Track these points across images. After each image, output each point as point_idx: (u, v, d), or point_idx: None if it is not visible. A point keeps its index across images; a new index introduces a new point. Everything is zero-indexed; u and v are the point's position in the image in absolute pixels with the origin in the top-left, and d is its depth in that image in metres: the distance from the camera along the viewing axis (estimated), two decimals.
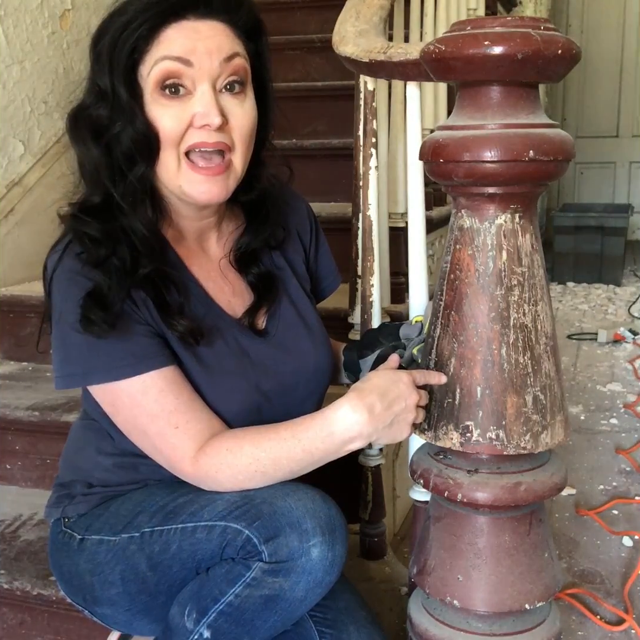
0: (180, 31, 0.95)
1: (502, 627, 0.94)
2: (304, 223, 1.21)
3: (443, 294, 0.90)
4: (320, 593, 0.94)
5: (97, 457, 1.09)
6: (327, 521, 0.92)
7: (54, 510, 1.13)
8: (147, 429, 0.98)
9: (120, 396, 0.98)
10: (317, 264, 1.23)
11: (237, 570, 0.92)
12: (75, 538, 1.08)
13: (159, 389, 0.97)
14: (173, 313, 0.99)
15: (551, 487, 0.91)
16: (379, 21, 1.35)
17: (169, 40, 0.95)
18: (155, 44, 0.95)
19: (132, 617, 1.06)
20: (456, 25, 0.83)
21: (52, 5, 2.21)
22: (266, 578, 0.91)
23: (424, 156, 0.88)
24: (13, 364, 1.97)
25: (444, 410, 0.90)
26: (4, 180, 2.05)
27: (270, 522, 0.91)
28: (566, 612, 1.42)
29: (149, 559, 1.00)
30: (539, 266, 0.88)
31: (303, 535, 0.90)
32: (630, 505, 1.85)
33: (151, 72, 0.95)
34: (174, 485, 1.04)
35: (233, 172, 1.00)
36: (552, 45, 0.78)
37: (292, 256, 1.18)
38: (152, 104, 0.96)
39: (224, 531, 0.93)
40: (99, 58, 0.97)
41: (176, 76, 0.95)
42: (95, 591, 1.05)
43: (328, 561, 0.91)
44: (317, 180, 2.25)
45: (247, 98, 1.00)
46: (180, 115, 0.96)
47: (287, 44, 2.75)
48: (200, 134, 0.96)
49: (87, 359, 0.96)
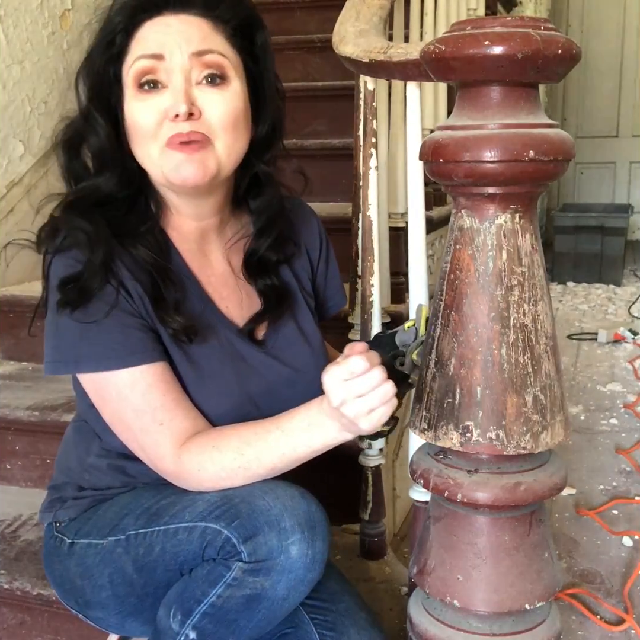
0: (152, 27, 0.97)
1: (502, 627, 0.94)
2: (313, 239, 1.20)
3: (443, 294, 0.90)
4: (303, 591, 0.93)
5: (86, 458, 1.09)
6: (307, 518, 0.91)
7: (47, 514, 1.13)
8: (132, 423, 0.98)
9: (108, 388, 0.97)
10: (325, 282, 1.22)
11: (218, 571, 0.92)
12: (66, 542, 1.08)
13: (147, 384, 0.96)
14: (168, 309, 0.98)
15: (551, 487, 0.91)
16: (379, 21, 1.35)
17: (144, 38, 0.97)
18: (134, 44, 0.98)
19: (123, 619, 1.06)
20: (456, 25, 0.83)
21: (52, 5, 2.21)
22: (247, 578, 0.90)
23: (424, 156, 0.88)
24: (13, 364, 1.97)
25: (444, 410, 0.90)
26: (4, 180, 2.05)
27: (248, 521, 0.90)
28: (566, 612, 1.42)
29: (134, 562, 0.99)
30: (539, 266, 0.88)
31: (282, 534, 0.89)
32: (630, 505, 1.85)
33: (130, 71, 0.97)
34: (159, 488, 1.03)
35: (213, 154, 0.98)
36: (552, 45, 0.78)
37: (299, 271, 1.17)
38: (130, 101, 0.98)
39: (204, 532, 0.93)
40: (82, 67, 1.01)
41: (151, 72, 0.96)
42: (86, 595, 1.05)
43: (308, 558, 0.90)
44: (317, 180, 2.24)
45: (230, 88, 0.99)
46: (153, 108, 0.96)
47: (287, 44, 2.75)
48: (174, 126, 0.96)
49: (78, 346, 0.96)
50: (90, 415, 1.06)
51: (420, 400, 0.94)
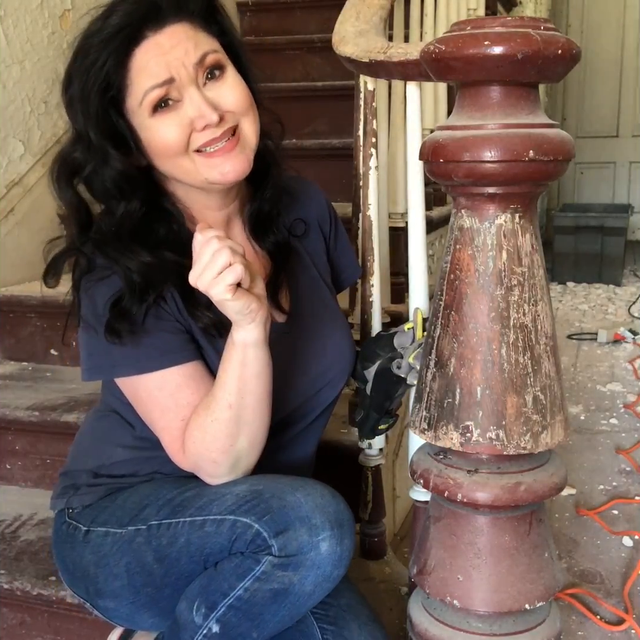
0: (146, 54, 0.96)
1: (502, 627, 0.94)
2: (324, 214, 1.23)
3: (443, 294, 0.90)
4: (328, 587, 0.95)
5: (113, 449, 1.11)
6: (336, 516, 0.94)
7: (59, 501, 1.14)
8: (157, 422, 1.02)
9: (138, 389, 1.01)
10: (337, 254, 1.25)
11: (247, 564, 0.93)
12: (81, 530, 1.08)
13: (177, 385, 1.00)
14: (199, 305, 1.00)
15: (551, 487, 0.91)
16: (379, 21, 1.35)
17: (144, 68, 0.96)
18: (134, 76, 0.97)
19: (135, 610, 1.06)
20: (456, 25, 0.83)
21: (52, 5, 2.21)
22: (275, 572, 0.91)
23: (424, 156, 0.88)
24: (13, 364, 1.97)
25: (444, 410, 0.90)
26: (4, 180, 2.05)
27: (279, 516, 0.92)
28: (566, 612, 1.42)
29: (155, 552, 1.00)
30: (539, 266, 0.88)
31: (312, 530, 0.91)
32: (630, 505, 1.85)
33: (143, 102, 0.97)
34: (181, 480, 1.05)
35: (247, 141, 1.01)
36: (552, 45, 0.78)
37: (313, 247, 1.19)
38: (149, 124, 0.98)
39: (234, 525, 0.94)
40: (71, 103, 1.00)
41: (165, 95, 0.97)
42: (98, 583, 1.06)
43: (337, 555, 0.93)
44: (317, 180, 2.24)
45: (228, 74, 1.01)
46: (178, 122, 0.97)
47: (287, 44, 2.76)
48: (205, 134, 0.98)
49: (112, 352, 0.99)
50: (122, 406, 1.09)
51: (420, 400, 0.94)
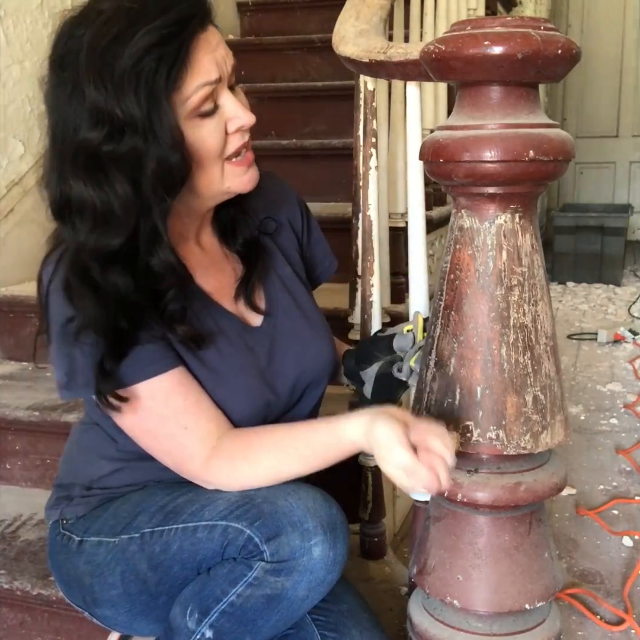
0: (201, 50, 0.91)
1: (502, 627, 0.94)
2: (294, 211, 1.20)
3: (443, 294, 0.90)
4: (322, 592, 0.94)
5: (99, 461, 1.09)
6: (328, 520, 0.93)
7: (53, 512, 1.13)
8: (157, 431, 0.98)
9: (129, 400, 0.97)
10: (310, 249, 1.23)
11: (239, 570, 0.92)
12: (74, 540, 1.08)
13: (167, 392, 0.97)
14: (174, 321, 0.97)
15: (551, 487, 0.91)
16: (379, 21, 1.35)
17: (199, 64, 0.91)
18: (190, 70, 0.91)
19: (132, 618, 1.06)
20: (456, 25, 0.83)
21: (52, 5, 2.21)
22: (268, 577, 0.91)
23: (424, 156, 0.88)
24: (13, 364, 1.97)
25: (444, 410, 0.90)
26: (4, 180, 2.05)
27: (271, 521, 0.91)
28: (566, 612, 1.42)
29: (149, 560, 1.00)
30: (539, 266, 0.88)
31: (305, 535, 0.90)
32: (630, 505, 1.85)
33: (192, 98, 0.92)
34: (173, 486, 1.04)
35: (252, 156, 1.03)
36: (552, 45, 0.78)
37: (285, 245, 1.17)
38: (187, 127, 0.93)
39: (225, 531, 0.93)
40: (115, 83, 0.87)
41: (210, 95, 0.94)
42: (95, 593, 1.05)
43: (330, 560, 0.92)
44: (317, 180, 2.25)
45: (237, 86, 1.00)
46: (217, 127, 0.96)
47: (287, 44, 2.76)
48: (236, 138, 0.98)
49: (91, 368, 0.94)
50: (104, 420, 1.05)
51: (420, 400, 0.94)
